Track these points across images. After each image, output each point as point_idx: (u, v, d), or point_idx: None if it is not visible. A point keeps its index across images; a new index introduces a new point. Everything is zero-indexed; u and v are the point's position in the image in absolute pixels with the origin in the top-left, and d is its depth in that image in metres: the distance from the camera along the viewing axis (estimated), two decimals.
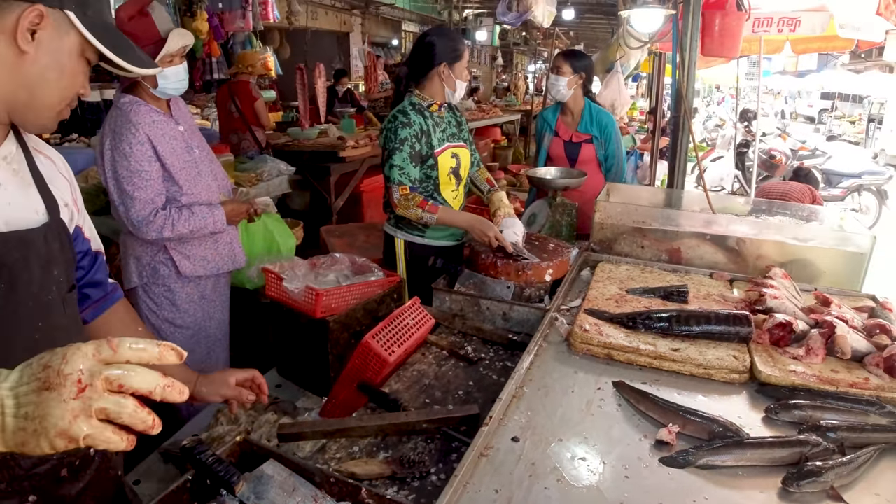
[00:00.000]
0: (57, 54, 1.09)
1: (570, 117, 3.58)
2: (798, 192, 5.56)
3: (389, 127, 2.61)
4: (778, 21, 6.30)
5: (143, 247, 2.54)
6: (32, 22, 1.04)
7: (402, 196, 2.57)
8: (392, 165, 2.57)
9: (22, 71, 1.07)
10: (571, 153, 3.56)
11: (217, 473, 1.22)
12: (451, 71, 2.63)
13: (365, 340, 1.75)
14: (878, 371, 1.68)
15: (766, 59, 8.80)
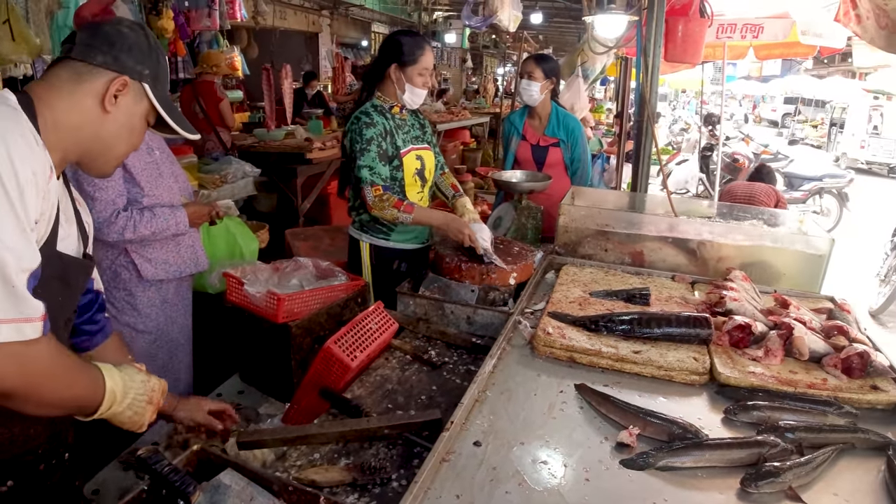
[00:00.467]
0: (132, 117, 1.35)
1: (538, 121, 3.58)
2: (764, 194, 5.63)
3: (353, 129, 2.58)
4: (741, 27, 6.41)
5: (104, 250, 2.48)
6: (118, 89, 1.29)
7: (377, 197, 2.53)
8: (361, 166, 2.54)
9: (103, 127, 1.31)
10: (539, 157, 3.56)
11: (173, 483, 1.19)
12: (402, 73, 2.59)
13: (327, 346, 1.73)
14: (836, 372, 1.71)
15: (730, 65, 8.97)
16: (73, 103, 1.26)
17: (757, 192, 5.68)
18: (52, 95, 1.25)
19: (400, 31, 2.71)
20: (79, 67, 1.27)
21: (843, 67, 22.69)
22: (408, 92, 2.62)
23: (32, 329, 1.11)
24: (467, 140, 10.76)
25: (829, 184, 9.76)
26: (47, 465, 1.38)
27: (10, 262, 1.06)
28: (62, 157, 1.28)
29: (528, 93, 3.46)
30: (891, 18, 2.54)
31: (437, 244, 2.53)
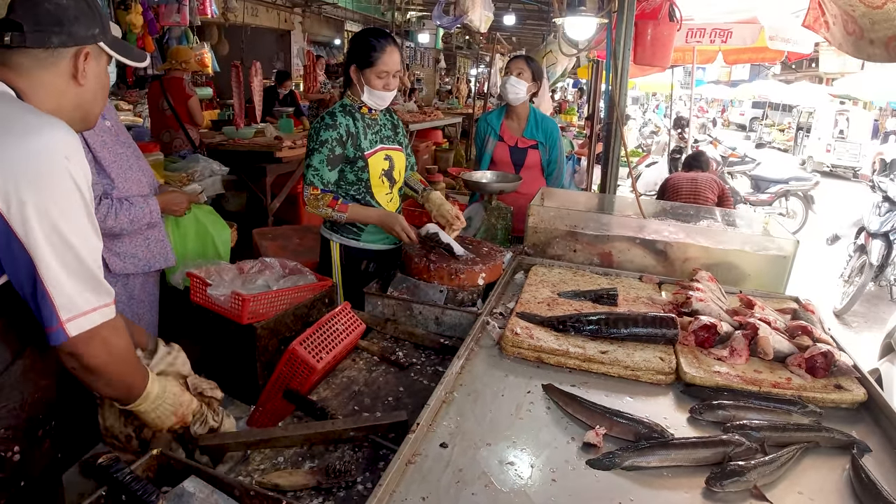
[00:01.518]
0: (100, 75, 1.43)
1: (517, 122, 3.56)
2: (708, 187, 5.66)
3: (314, 127, 2.59)
4: (710, 32, 6.51)
5: None
6: (84, 60, 1.36)
7: (313, 196, 2.55)
8: (308, 166, 2.56)
9: (80, 97, 1.39)
10: (518, 158, 3.54)
11: (135, 493, 1.16)
12: (361, 75, 2.55)
13: (292, 347, 1.71)
14: (800, 371, 1.73)
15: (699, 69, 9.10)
16: (49, 89, 1.34)
17: (701, 185, 5.68)
18: (31, 86, 1.31)
19: (364, 30, 2.67)
20: (38, 54, 1.31)
21: (810, 73, 23.24)
22: (366, 94, 2.58)
23: (111, 311, 1.27)
24: (440, 140, 10.76)
25: (796, 186, 9.95)
26: (44, 431, 1.44)
27: (97, 257, 1.24)
28: None
29: (514, 90, 3.40)
30: (858, 24, 2.58)
31: (407, 245, 2.51)
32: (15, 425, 1.35)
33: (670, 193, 5.70)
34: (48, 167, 1.16)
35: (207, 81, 9.65)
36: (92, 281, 1.23)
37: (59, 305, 1.18)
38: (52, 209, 1.16)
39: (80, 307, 1.21)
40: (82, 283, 1.21)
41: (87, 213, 1.22)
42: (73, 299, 1.20)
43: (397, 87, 2.66)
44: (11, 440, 1.34)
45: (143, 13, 6.62)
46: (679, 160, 10.30)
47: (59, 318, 1.19)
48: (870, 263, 6.57)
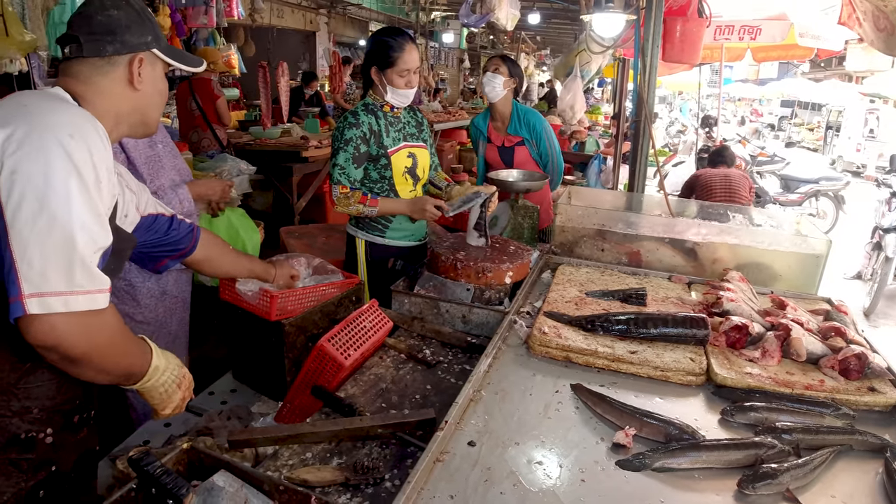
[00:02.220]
0: (156, 80, 1.49)
1: (500, 122, 3.55)
2: (742, 186, 5.38)
3: (338, 127, 2.62)
4: (739, 29, 6.42)
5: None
6: (138, 66, 1.42)
7: (342, 195, 2.57)
8: (334, 165, 2.58)
9: (140, 101, 1.46)
10: (506, 158, 3.54)
11: (165, 486, 1.17)
12: (383, 76, 2.57)
13: (320, 344, 1.71)
14: (833, 373, 1.70)
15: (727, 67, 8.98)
16: (107, 95, 1.40)
17: (735, 183, 5.40)
18: (88, 92, 1.38)
19: (380, 31, 2.68)
20: (94, 62, 1.38)
21: (839, 71, 22.78)
22: (390, 93, 2.61)
23: (103, 299, 1.24)
24: (464, 140, 10.74)
25: (826, 186, 9.75)
26: (80, 418, 1.47)
27: (89, 241, 1.20)
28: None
29: (490, 85, 3.40)
30: (890, 21, 2.53)
31: (433, 242, 2.51)
32: (49, 407, 1.38)
33: (701, 192, 5.42)
34: (46, 141, 1.17)
35: (234, 82, 9.76)
36: (77, 264, 1.18)
37: (22, 276, 1.14)
38: (38, 179, 1.15)
39: (50, 285, 1.15)
40: (62, 261, 1.16)
41: (84, 196, 1.19)
42: (45, 275, 1.15)
43: (419, 84, 2.66)
44: (44, 422, 1.37)
45: (171, 15, 6.70)
46: (706, 159, 10.17)
47: (21, 291, 1.13)
48: (886, 257, 6.46)
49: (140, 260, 1.74)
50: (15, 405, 1.32)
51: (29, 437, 1.35)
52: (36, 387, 1.34)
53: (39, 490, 1.39)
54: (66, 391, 1.40)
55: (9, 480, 1.34)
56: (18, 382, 1.32)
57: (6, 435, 1.32)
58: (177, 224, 1.74)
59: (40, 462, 1.38)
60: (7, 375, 1.30)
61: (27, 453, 1.36)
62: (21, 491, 1.36)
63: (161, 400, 1.46)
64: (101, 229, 1.24)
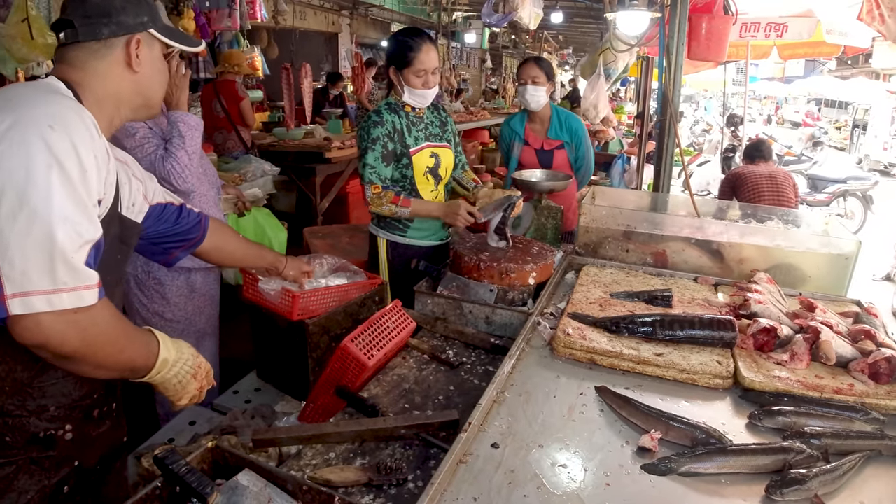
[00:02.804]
0: (155, 61, 1.47)
1: (539, 124, 3.52)
2: (788, 184, 5.11)
3: (363, 126, 2.62)
4: (765, 26, 6.32)
5: None
6: (135, 48, 1.40)
7: (375, 195, 2.57)
8: (364, 164, 2.58)
9: (139, 83, 1.44)
10: (545, 161, 3.50)
11: (190, 485, 1.18)
12: (400, 76, 2.58)
13: (344, 344, 1.72)
14: (863, 377, 1.66)
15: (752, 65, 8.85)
16: (105, 79, 1.38)
17: (781, 183, 5.09)
18: (86, 77, 1.36)
19: (398, 31, 2.69)
20: (91, 46, 1.36)
21: (866, 69, 22.37)
22: (407, 93, 2.61)
23: (91, 295, 1.20)
24: (486, 140, 10.73)
25: (854, 186, 9.59)
26: (100, 412, 1.47)
27: (73, 236, 1.16)
28: (107, 126, 1.41)
29: (535, 99, 3.38)
30: None
31: (456, 243, 2.50)
32: (67, 404, 1.38)
33: (747, 193, 5.07)
34: (27, 135, 1.15)
35: (257, 84, 9.83)
36: (59, 261, 1.14)
37: (4, 276, 1.11)
38: (18, 174, 1.13)
39: (33, 284, 1.12)
40: (43, 259, 1.13)
41: (67, 188, 1.16)
42: (27, 274, 1.12)
43: (438, 84, 2.66)
44: (62, 419, 1.37)
45: (196, 18, 6.76)
46: (732, 159, 10.05)
47: (3, 291, 1.11)
48: None
49: (151, 252, 1.74)
50: (31, 404, 1.32)
51: (48, 436, 1.35)
52: (51, 384, 1.34)
53: (63, 486, 1.40)
54: (82, 386, 1.40)
55: (32, 479, 1.35)
56: (32, 381, 1.32)
57: (25, 435, 1.32)
58: (186, 213, 1.73)
59: (62, 459, 1.39)
60: (20, 375, 1.30)
61: (48, 451, 1.36)
62: (45, 488, 1.36)
63: (175, 391, 1.45)
64: (88, 222, 1.20)
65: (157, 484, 1.22)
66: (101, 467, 1.51)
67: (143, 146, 2.42)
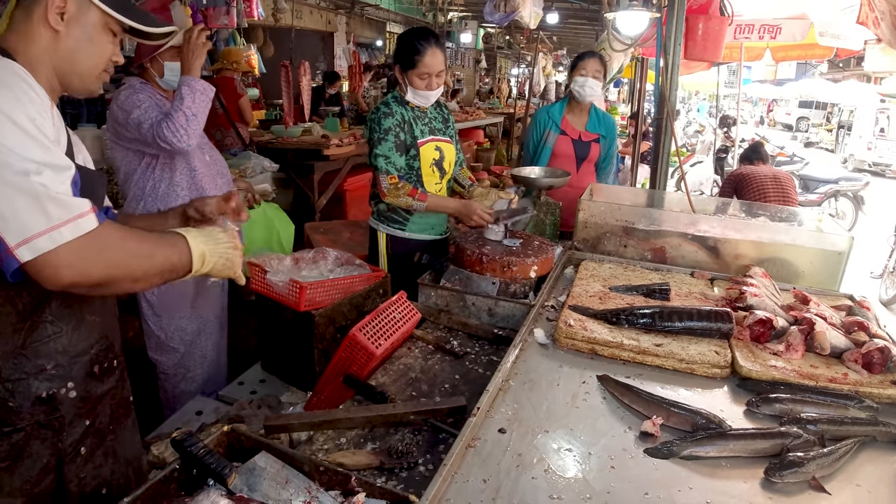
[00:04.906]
0: (84, 28, 1.35)
1: (579, 116, 3.60)
2: (791, 185, 5.31)
3: (373, 118, 2.66)
4: (759, 28, 6.39)
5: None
6: (58, 6, 1.30)
7: (392, 185, 2.60)
8: (378, 155, 2.61)
9: (59, 46, 1.34)
10: (582, 152, 3.57)
11: (209, 466, 1.21)
12: (404, 76, 2.64)
13: (352, 333, 1.75)
14: (857, 367, 1.71)
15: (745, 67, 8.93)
16: (30, 38, 1.32)
17: (786, 184, 5.25)
18: (19, 40, 1.31)
19: (408, 31, 2.73)
20: (24, 5, 1.32)
21: (857, 71, 22.63)
22: (410, 93, 2.66)
23: (87, 222, 1.20)
24: (481, 140, 10.79)
25: (846, 187, 9.69)
26: (101, 368, 1.46)
27: (50, 174, 1.16)
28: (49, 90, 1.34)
29: (592, 91, 3.46)
30: None
31: (458, 237, 2.55)
32: (64, 363, 1.37)
33: (752, 192, 5.20)
34: None
35: (254, 82, 9.84)
36: (45, 198, 1.14)
37: (2, 232, 1.12)
38: None
39: (31, 228, 1.13)
40: (29, 202, 1.13)
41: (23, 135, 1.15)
42: (21, 221, 1.12)
43: (442, 85, 2.70)
44: (62, 378, 1.37)
45: (193, 16, 6.76)
46: (725, 159, 10.13)
47: (7, 245, 1.12)
48: None
49: None
50: (28, 366, 1.32)
51: (50, 395, 1.35)
52: (42, 343, 1.34)
53: (80, 448, 1.41)
54: (76, 342, 1.40)
55: (44, 444, 1.35)
56: (25, 343, 1.31)
57: (29, 398, 1.32)
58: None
59: (72, 419, 1.39)
60: (10, 338, 1.29)
61: (55, 413, 1.36)
62: (59, 452, 1.37)
63: (227, 269, 1.44)
64: (57, 158, 1.20)
65: (175, 467, 1.25)
66: (114, 426, 1.51)
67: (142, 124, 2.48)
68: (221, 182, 2.88)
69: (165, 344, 2.82)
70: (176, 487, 1.23)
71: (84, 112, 6.23)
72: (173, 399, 2.89)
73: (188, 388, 2.89)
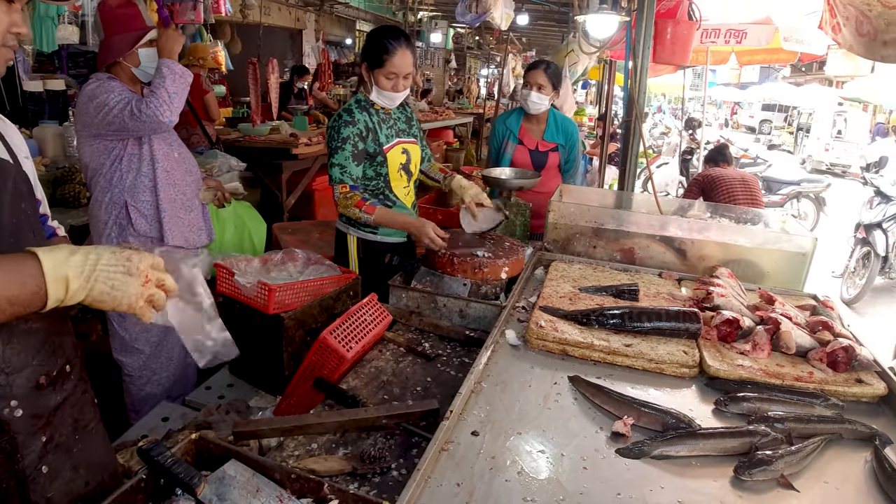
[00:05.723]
0: None
1: (536, 125, 3.57)
2: (757, 187, 5.43)
3: (333, 126, 2.60)
4: (725, 32, 6.51)
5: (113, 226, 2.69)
6: None
7: (342, 195, 2.55)
8: (333, 164, 2.56)
9: None
10: (538, 161, 3.54)
11: (177, 475, 1.18)
12: (371, 74, 2.58)
13: (322, 336, 1.73)
14: (822, 365, 1.75)
15: (710, 70, 9.08)
16: None
17: (753, 186, 5.35)
18: None
19: (379, 29, 2.66)
20: None
21: (819, 75, 23.31)
22: (374, 93, 2.60)
23: None
24: (450, 140, 10.79)
25: (807, 188, 9.94)
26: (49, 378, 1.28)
27: None
28: None
29: (536, 106, 3.43)
30: (873, 25, 2.59)
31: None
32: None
33: (721, 194, 5.24)
34: None
35: (221, 79, 9.70)
36: None
37: None
38: None
39: None
40: None
41: None
42: None
43: (408, 87, 2.64)
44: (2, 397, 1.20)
45: (159, 10, 6.63)
46: (690, 161, 10.29)
47: None
48: (875, 254, 6.67)
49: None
50: None
51: None
52: None
53: (40, 467, 1.28)
54: (10, 358, 1.21)
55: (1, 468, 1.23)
56: None
57: None
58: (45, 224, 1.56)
59: (26, 438, 1.24)
60: None
61: (2, 435, 1.20)
62: (19, 474, 1.24)
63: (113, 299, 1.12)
64: None
65: (143, 476, 1.22)
66: (80, 435, 1.38)
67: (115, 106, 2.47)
68: (191, 180, 2.83)
69: (130, 345, 2.76)
70: (143, 498, 1.19)
71: (46, 108, 6.07)
72: (139, 402, 2.83)
73: (154, 391, 2.83)
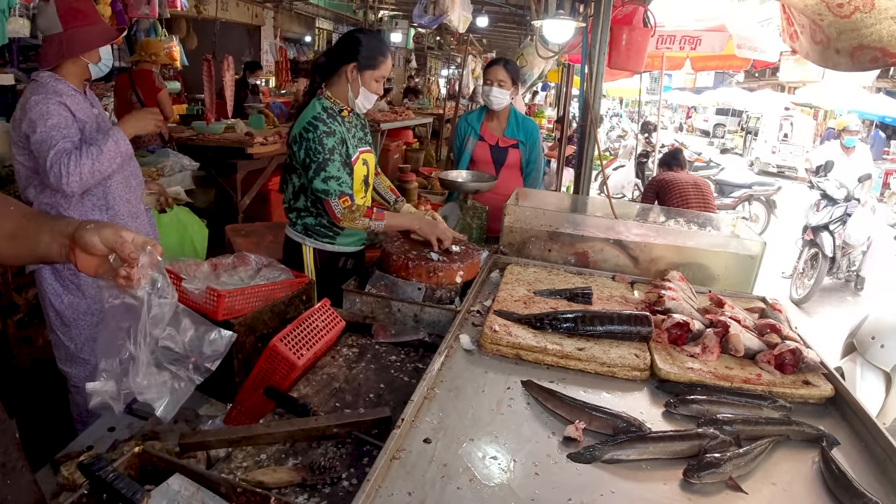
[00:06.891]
0: None
1: (497, 122, 3.60)
2: (710, 190, 5.55)
3: (312, 137, 2.42)
4: (680, 39, 6.63)
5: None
6: None
7: (346, 209, 2.42)
8: (329, 178, 2.41)
9: None
10: (498, 157, 3.58)
11: (119, 492, 1.14)
12: (360, 76, 2.48)
13: (272, 343, 1.70)
14: (770, 367, 1.79)
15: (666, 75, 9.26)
16: None
17: (704, 188, 5.46)
18: None
19: (363, 30, 2.60)
20: None
21: (773, 81, 24.07)
22: (361, 96, 2.52)
23: None
24: (410, 140, 10.75)
25: (759, 191, 10.22)
26: None
27: None
28: None
29: (498, 101, 3.45)
30: (825, 34, 2.66)
31: (384, 242, 2.51)
32: None
33: (674, 199, 5.34)
34: None
35: (175, 76, 9.50)
36: None
37: None
38: None
39: None
40: None
41: None
42: None
43: None
44: None
45: (112, 4, 6.46)
46: (646, 164, 10.48)
47: None
48: (823, 255, 6.88)
49: None
50: None
51: None
52: None
53: None
54: None
55: None
56: None
57: None
58: None
59: None
60: None
61: None
62: None
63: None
64: None
65: (84, 492, 1.17)
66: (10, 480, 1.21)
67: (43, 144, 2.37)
68: (135, 184, 2.75)
69: (76, 355, 2.66)
70: None
71: None
72: (86, 413, 2.74)
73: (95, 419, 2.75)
